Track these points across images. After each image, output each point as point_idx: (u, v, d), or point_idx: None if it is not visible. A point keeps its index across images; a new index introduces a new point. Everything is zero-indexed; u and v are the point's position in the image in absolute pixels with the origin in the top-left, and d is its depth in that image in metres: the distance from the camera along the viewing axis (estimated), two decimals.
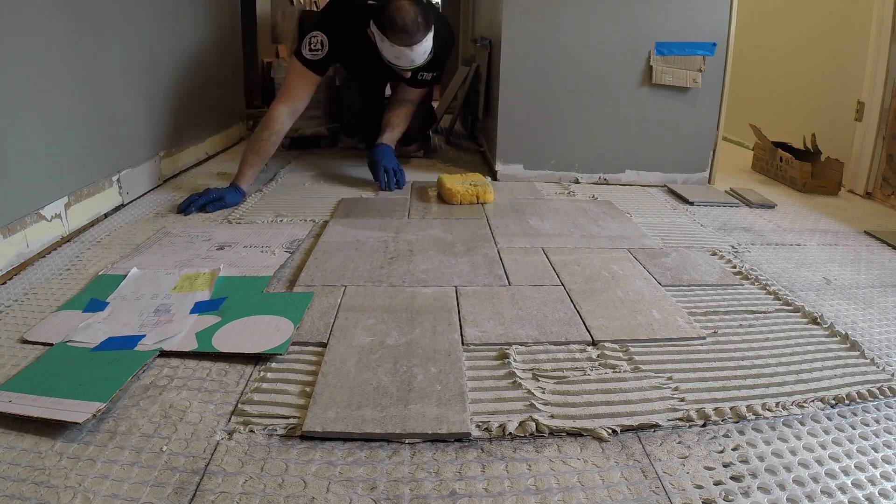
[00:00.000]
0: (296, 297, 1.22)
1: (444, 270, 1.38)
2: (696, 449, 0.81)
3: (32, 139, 1.43)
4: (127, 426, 0.83)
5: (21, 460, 0.76)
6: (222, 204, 1.83)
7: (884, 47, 2.19)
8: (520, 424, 0.84)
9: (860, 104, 2.33)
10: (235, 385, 0.93)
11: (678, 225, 1.81)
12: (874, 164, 2.26)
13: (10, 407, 0.84)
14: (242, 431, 0.82)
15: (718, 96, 2.25)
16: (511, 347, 1.05)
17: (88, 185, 1.68)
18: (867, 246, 1.69)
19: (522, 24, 2.18)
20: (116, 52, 1.82)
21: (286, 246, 1.53)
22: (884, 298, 1.33)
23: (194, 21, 2.45)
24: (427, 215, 1.81)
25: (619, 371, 0.99)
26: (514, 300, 1.23)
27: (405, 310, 1.17)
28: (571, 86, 2.23)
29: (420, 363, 0.98)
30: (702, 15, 2.18)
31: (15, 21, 1.36)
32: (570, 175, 2.32)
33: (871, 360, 1.05)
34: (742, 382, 0.96)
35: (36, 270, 1.37)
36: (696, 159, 2.31)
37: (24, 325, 1.10)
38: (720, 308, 1.23)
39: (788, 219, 1.94)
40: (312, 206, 1.90)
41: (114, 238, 1.60)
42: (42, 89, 1.47)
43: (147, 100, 2.04)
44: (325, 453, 0.79)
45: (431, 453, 0.79)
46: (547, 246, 1.56)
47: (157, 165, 2.11)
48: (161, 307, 1.17)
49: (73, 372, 0.93)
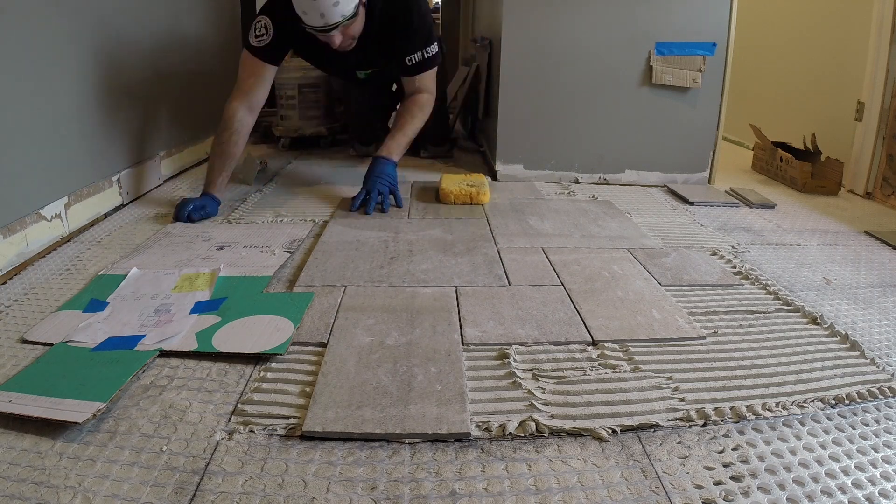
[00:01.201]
0: (296, 297, 1.22)
1: (444, 270, 1.38)
2: (696, 449, 0.81)
3: (32, 139, 1.43)
4: (127, 426, 0.83)
5: (21, 460, 0.76)
6: (204, 213, 1.74)
7: (884, 47, 2.19)
8: (520, 424, 0.84)
9: (860, 104, 2.33)
10: (235, 385, 0.93)
11: (678, 225, 1.81)
12: (874, 164, 2.26)
13: (10, 407, 0.84)
14: (242, 431, 0.82)
15: (718, 96, 2.25)
16: (511, 347, 1.05)
17: (88, 185, 1.68)
18: (867, 246, 1.69)
19: (522, 24, 2.18)
20: (116, 52, 1.82)
21: (286, 246, 1.53)
22: (884, 298, 1.33)
23: (194, 21, 2.45)
24: (427, 215, 1.81)
25: (619, 371, 0.99)
26: (514, 300, 1.23)
27: (405, 310, 1.17)
28: (571, 86, 2.23)
29: (420, 363, 0.98)
30: (702, 15, 2.18)
31: (15, 21, 1.36)
32: (570, 175, 2.32)
33: (871, 360, 1.05)
34: (742, 382, 0.96)
35: (36, 270, 1.37)
36: (696, 159, 2.31)
37: (24, 325, 1.10)
38: (720, 308, 1.23)
39: (788, 219, 1.94)
40: (312, 206, 1.90)
41: (114, 238, 1.60)
42: (42, 89, 1.47)
43: (147, 100, 2.04)
44: (325, 453, 0.79)
45: (431, 453, 0.79)
46: (547, 246, 1.56)
47: (157, 165, 2.11)
48: (161, 307, 1.17)
49: (73, 372, 0.93)
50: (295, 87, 2.72)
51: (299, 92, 2.73)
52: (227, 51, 2.84)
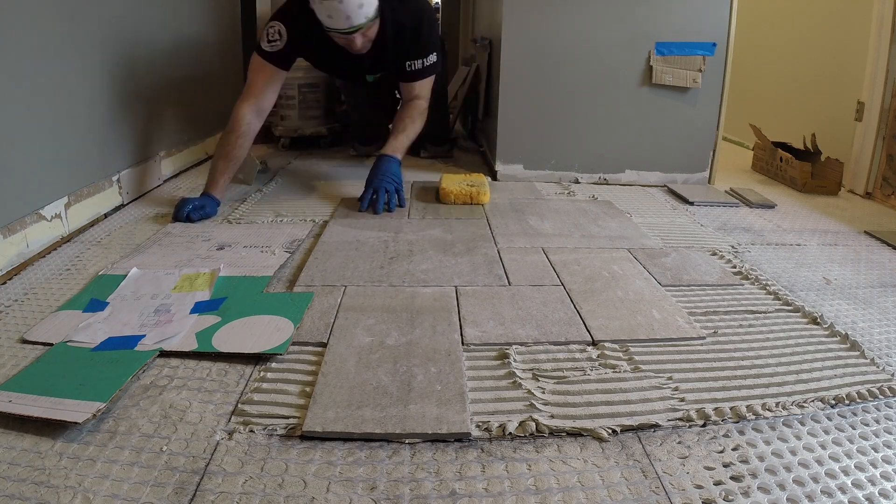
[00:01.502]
0: (296, 297, 1.22)
1: (444, 270, 1.38)
2: (696, 449, 0.81)
3: (32, 139, 1.43)
4: (127, 426, 0.83)
5: (21, 460, 0.76)
6: (203, 213, 1.75)
7: (884, 47, 2.19)
8: (520, 424, 0.84)
9: (860, 104, 2.33)
10: (235, 385, 0.93)
11: (678, 225, 1.81)
12: (874, 164, 2.26)
13: (10, 407, 0.84)
14: (242, 431, 0.82)
15: (718, 96, 2.25)
16: (511, 347, 1.05)
17: (88, 185, 1.68)
18: (867, 246, 1.69)
19: (522, 24, 2.18)
20: (116, 52, 1.82)
21: (286, 246, 1.53)
22: (884, 298, 1.33)
23: (194, 21, 2.45)
24: (427, 215, 1.81)
25: (619, 371, 0.99)
26: (514, 300, 1.23)
27: (405, 310, 1.17)
28: (571, 86, 2.23)
29: (420, 363, 0.98)
30: (702, 15, 2.18)
31: (15, 21, 1.36)
32: (570, 175, 2.32)
33: (871, 360, 1.05)
34: (742, 382, 0.96)
35: (36, 270, 1.37)
36: (696, 159, 2.31)
37: (24, 325, 1.10)
38: (720, 308, 1.23)
39: (788, 219, 1.94)
40: (312, 206, 1.90)
41: (114, 238, 1.60)
42: (42, 89, 1.47)
43: (147, 100, 2.04)
44: (325, 453, 0.79)
45: (431, 453, 0.79)
46: (547, 246, 1.56)
47: (157, 165, 2.11)
48: (161, 307, 1.17)
49: (73, 372, 0.93)
50: (295, 87, 2.72)
51: (299, 92, 2.73)
52: (227, 51, 2.84)
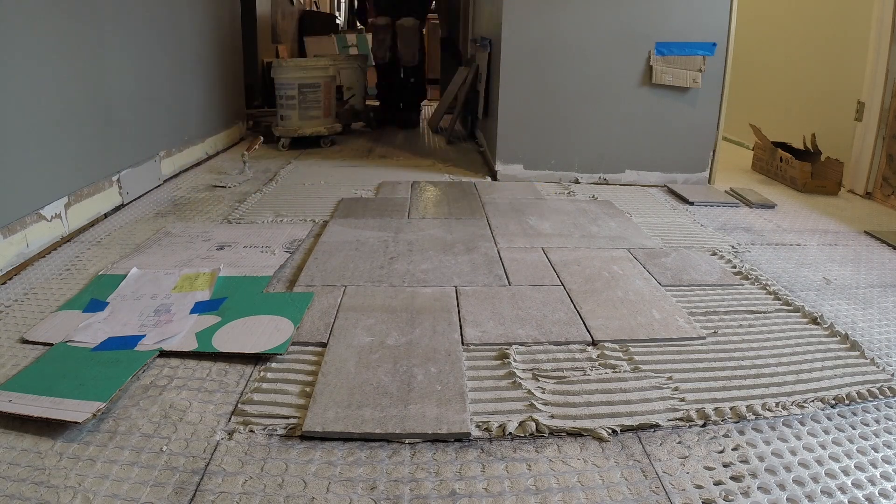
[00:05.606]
0: (296, 297, 1.22)
1: (444, 270, 1.38)
2: (696, 449, 0.81)
3: (32, 139, 1.43)
4: (127, 426, 0.83)
5: (21, 460, 0.76)
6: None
7: (884, 47, 2.19)
8: (520, 424, 0.84)
9: (860, 104, 2.33)
10: (235, 385, 0.93)
11: (678, 225, 1.81)
12: (874, 164, 2.26)
13: (10, 407, 0.84)
14: (242, 431, 0.82)
15: (718, 96, 2.25)
16: (511, 347, 1.05)
17: (88, 185, 1.68)
18: (867, 246, 1.69)
19: (522, 24, 2.18)
20: (116, 53, 1.82)
21: (286, 246, 1.53)
22: (884, 298, 1.33)
23: (195, 21, 2.45)
24: (427, 215, 1.81)
25: (619, 371, 0.99)
26: (514, 300, 1.23)
27: (405, 310, 1.17)
28: (571, 86, 2.23)
29: (420, 363, 0.98)
30: (702, 15, 2.18)
31: (15, 21, 1.36)
32: (570, 175, 2.32)
33: (871, 360, 1.05)
34: (742, 382, 0.96)
35: (36, 270, 1.37)
36: (696, 159, 2.31)
37: (24, 325, 1.10)
38: (720, 308, 1.23)
39: (788, 219, 1.94)
40: (312, 206, 1.90)
41: (114, 238, 1.60)
42: (42, 89, 1.47)
43: (147, 100, 2.04)
44: (325, 453, 0.79)
45: (431, 453, 0.79)
46: (547, 246, 1.56)
47: (157, 165, 2.11)
48: (161, 307, 1.17)
49: (73, 372, 0.93)
50: (295, 87, 2.72)
51: (299, 92, 2.73)
52: (227, 52, 2.84)
